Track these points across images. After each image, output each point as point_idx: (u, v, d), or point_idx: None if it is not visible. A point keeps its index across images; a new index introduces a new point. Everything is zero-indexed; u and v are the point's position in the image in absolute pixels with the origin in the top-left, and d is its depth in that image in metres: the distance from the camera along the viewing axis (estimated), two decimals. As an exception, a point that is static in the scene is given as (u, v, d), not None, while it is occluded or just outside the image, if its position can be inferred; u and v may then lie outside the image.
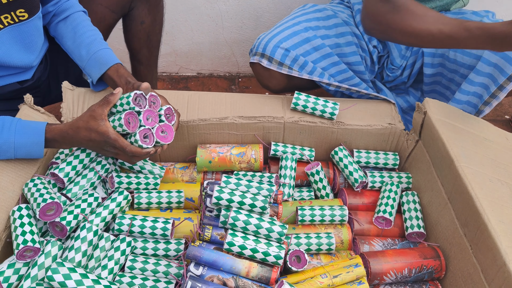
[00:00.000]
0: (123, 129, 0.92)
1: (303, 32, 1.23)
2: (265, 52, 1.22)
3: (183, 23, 1.77)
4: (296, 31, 1.23)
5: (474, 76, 1.17)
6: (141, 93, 0.95)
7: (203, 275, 0.87)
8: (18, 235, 0.87)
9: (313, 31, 1.24)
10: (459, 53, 1.21)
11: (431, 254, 1.01)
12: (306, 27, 1.24)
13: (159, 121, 0.98)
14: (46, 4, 1.11)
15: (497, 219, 0.87)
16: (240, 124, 1.18)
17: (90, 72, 1.10)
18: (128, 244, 0.95)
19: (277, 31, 1.23)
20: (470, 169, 0.97)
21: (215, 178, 1.21)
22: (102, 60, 1.08)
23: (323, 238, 1.01)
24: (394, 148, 1.25)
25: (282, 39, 1.21)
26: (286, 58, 1.21)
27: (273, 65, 1.22)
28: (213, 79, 1.95)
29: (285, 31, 1.23)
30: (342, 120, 1.20)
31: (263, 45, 1.22)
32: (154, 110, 0.97)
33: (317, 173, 1.16)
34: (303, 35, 1.23)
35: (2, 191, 0.94)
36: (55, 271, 0.79)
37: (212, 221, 0.97)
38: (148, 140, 0.95)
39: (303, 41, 1.23)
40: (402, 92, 1.45)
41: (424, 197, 1.13)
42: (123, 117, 0.91)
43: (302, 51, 1.22)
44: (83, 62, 1.10)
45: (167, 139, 0.97)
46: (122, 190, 1.05)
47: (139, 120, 0.94)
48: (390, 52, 1.33)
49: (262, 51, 1.22)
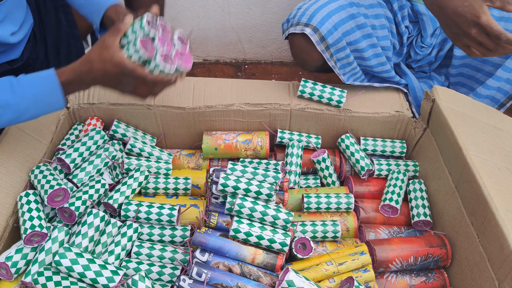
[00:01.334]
0: (139, 57, 0.84)
1: (348, 7, 1.14)
2: (310, 22, 1.10)
3: (189, 9, 1.76)
4: (342, 5, 1.13)
5: (501, 72, 1.15)
6: (152, 17, 0.87)
7: (208, 261, 0.87)
8: (25, 220, 0.87)
9: (357, 8, 1.15)
10: None
11: (437, 243, 1.00)
12: (351, 2, 1.15)
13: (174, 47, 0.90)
14: None
15: (505, 208, 0.86)
16: (246, 111, 1.17)
17: (92, 19, 1.04)
18: (135, 230, 0.96)
19: (322, 2, 1.13)
20: (478, 157, 0.96)
21: (221, 165, 1.21)
22: (100, 2, 1.02)
23: (328, 226, 1.01)
24: (401, 136, 1.24)
25: (331, 11, 1.10)
26: (330, 36, 1.10)
27: (315, 37, 1.10)
28: (219, 65, 1.94)
29: (331, 3, 1.13)
30: (349, 107, 1.18)
31: (309, 15, 1.10)
32: (168, 35, 0.90)
33: (323, 161, 1.16)
34: (348, 10, 1.13)
35: (10, 177, 0.95)
36: (63, 256, 0.80)
37: (218, 208, 0.97)
38: (169, 64, 0.86)
39: (348, 17, 1.13)
40: (424, 77, 1.41)
41: (431, 185, 1.12)
42: (138, 41, 0.83)
43: (348, 27, 1.13)
44: (84, 10, 1.05)
45: (186, 64, 0.89)
46: (140, 169, 1.06)
47: (155, 46, 0.86)
48: (424, 30, 1.26)
49: (307, 21, 1.10)
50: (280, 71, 1.90)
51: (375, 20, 1.21)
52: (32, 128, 1.05)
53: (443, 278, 1.00)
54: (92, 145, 1.05)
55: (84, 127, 1.16)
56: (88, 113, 1.18)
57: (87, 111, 1.17)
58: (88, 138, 1.05)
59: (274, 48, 1.89)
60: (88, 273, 0.80)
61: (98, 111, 1.17)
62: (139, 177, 1.05)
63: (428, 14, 1.25)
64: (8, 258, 0.85)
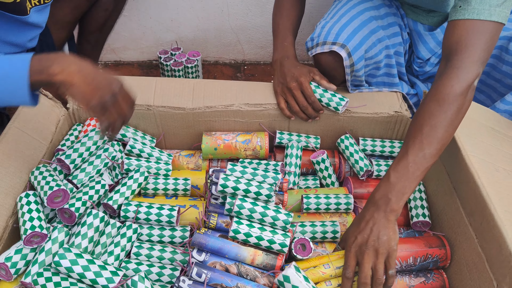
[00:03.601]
0: None
1: (368, 23, 1.17)
2: (337, 40, 1.12)
3: (188, 10, 1.76)
4: (364, 21, 1.16)
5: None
6: None
7: (205, 261, 0.87)
8: (25, 220, 0.88)
9: (376, 22, 1.18)
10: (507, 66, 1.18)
11: (436, 243, 1.01)
12: (370, 17, 1.18)
13: None
14: None
15: (503, 209, 0.86)
16: (246, 111, 1.18)
17: None
18: (135, 231, 0.96)
19: (346, 19, 1.16)
20: (477, 158, 0.97)
21: (221, 165, 1.21)
22: None
23: (328, 226, 1.01)
24: (400, 137, 1.25)
25: (355, 29, 1.14)
26: (355, 53, 1.13)
27: (343, 52, 1.12)
28: (219, 66, 1.94)
29: (355, 19, 1.16)
30: (348, 108, 1.19)
31: (335, 33, 1.13)
32: None
33: (323, 161, 1.16)
34: (369, 26, 1.17)
35: (9, 177, 0.95)
36: (62, 256, 0.80)
37: (218, 208, 0.98)
38: None
39: (370, 32, 1.16)
40: None
41: (430, 186, 1.12)
42: None
43: (370, 43, 1.16)
44: None
45: None
46: (139, 170, 1.07)
47: None
48: (414, 45, 1.30)
49: (333, 39, 1.13)
50: (279, 71, 1.90)
51: (389, 29, 1.24)
52: (32, 129, 1.05)
53: (442, 279, 1.00)
54: (92, 145, 1.05)
55: (84, 127, 1.16)
56: (88, 114, 1.18)
57: (87, 112, 1.17)
58: (87, 138, 1.05)
59: (273, 49, 1.89)
60: (88, 274, 0.80)
61: (97, 111, 1.17)
62: (138, 178, 1.05)
63: (416, 30, 1.27)
64: (7, 258, 0.85)
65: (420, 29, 1.27)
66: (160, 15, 1.79)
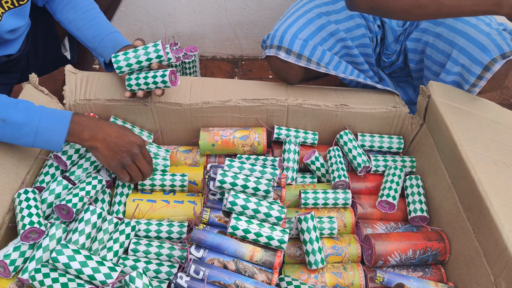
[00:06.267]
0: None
1: (317, 19, 1.19)
2: (282, 44, 1.16)
3: (186, 5, 1.75)
4: (310, 18, 1.19)
5: (444, 75, 1.17)
6: None
7: (203, 257, 0.87)
8: (24, 216, 0.87)
9: (326, 17, 1.20)
10: (434, 50, 1.20)
11: (435, 237, 1.01)
12: (319, 13, 1.20)
13: None
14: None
15: (500, 203, 0.87)
16: (244, 107, 1.17)
17: (103, 52, 1.12)
18: (133, 229, 0.96)
19: (291, 21, 1.19)
20: (474, 152, 0.97)
21: (218, 161, 1.21)
22: (117, 40, 1.11)
23: (325, 223, 1.01)
24: (398, 132, 1.25)
25: (298, 29, 1.17)
26: (304, 49, 1.16)
27: (291, 57, 1.17)
28: (216, 62, 1.93)
29: (299, 19, 1.18)
30: (347, 103, 1.19)
31: (279, 37, 1.16)
32: None
33: (317, 160, 1.16)
34: (317, 22, 1.19)
35: (6, 174, 0.95)
36: (60, 252, 0.80)
37: (216, 204, 0.97)
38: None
39: (318, 28, 1.19)
40: (403, 81, 1.44)
41: (428, 181, 1.13)
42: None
43: (319, 39, 1.19)
44: (94, 43, 1.12)
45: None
46: None
47: None
48: (385, 36, 1.32)
49: (278, 43, 1.16)
50: (277, 67, 1.90)
51: (350, 21, 1.24)
52: (28, 125, 1.04)
53: (440, 274, 1.01)
54: (89, 141, 1.05)
55: (81, 123, 1.15)
56: (85, 109, 1.18)
57: (84, 107, 1.17)
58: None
59: (271, 44, 1.89)
60: (86, 270, 0.80)
61: (94, 107, 1.17)
62: None
63: (388, 23, 1.28)
64: (6, 256, 0.84)
65: (393, 23, 1.28)
66: (157, 10, 1.77)
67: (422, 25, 1.23)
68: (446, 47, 1.16)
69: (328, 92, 1.23)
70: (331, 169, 1.13)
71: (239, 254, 0.88)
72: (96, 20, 1.13)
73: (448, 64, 1.16)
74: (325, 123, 1.22)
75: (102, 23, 1.14)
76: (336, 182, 1.10)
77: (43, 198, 0.95)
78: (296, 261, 1.00)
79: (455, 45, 1.13)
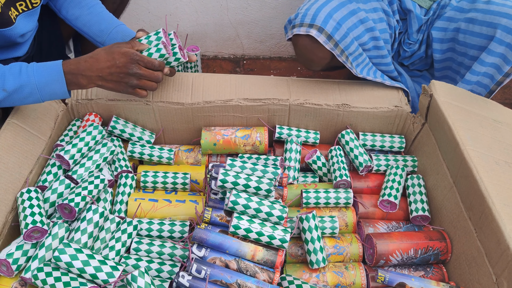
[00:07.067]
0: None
1: (348, 3, 1.15)
2: (314, 22, 1.10)
3: (187, 4, 1.75)
4: (343, 1, 1.15)
5: (485, 56, 1.16)
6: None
7: (205, 256, 0.88)
8: (27, 215, 0.88)
9: (356, 3, 1.17)
10: (468, 35, 1.19)
11: (436, 236, 1.01)
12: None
13: None
14: None
15: (502, 203, 0.86)
16: (245, 107, 1.17)
17: None
18: (135, 228, 0.96)
19: (323, 1, 1.13)
20: (476, 152, 0.97)
21: (220, 161, 1.21)
22: (125, 32, 1.14)
23: (327, 222, 1.01)
24: (400, 131, 1.24)
25: (333, 9, 1.11)
26: (336, 32, 1.11)
27: (322, 37, 1.10)
28: (218, 61, 1.93)
29: (332, 1, 1.14)
30: (348, 102, 1.19)
31: (312, 15, 1.10)
32: None
33: (318, 159, 1.16)
34: (349, 6, 1.15)
35: (9, 173, 0.95)
36: (62, 251, 0.80)
37: (217, 203, 0.98)
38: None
39: (350, 13, 1.14)
40: (417, 75, 1.42)
41: (430, 180, 1.12)
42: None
43: (350, 24, 1.14)
44: (103, 37, 1.15)
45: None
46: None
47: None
48: (410, 26, 1.29)
49: (311, 21, 1.10)
50: (279, 66, 1.90)
51: (373, 14, 1.22)
52: (31, 124, 1.05)
53: (441, 273, 1.01)
54: (91, 140, 1.05)
55: (83, 123, 1.16)
56: (87, 109, 1.18)
57: (86, 107, 1.17)
58: (86, 133, 1.05)
59: (273, 43, 1.89)
60: (88, 269, 0.80)
61: (96, 106, 1.17)
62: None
63: (414, 11, 1.27)
64: (9, 255, 0.85)
65: (411, 7, 1.27)
66: (158, 9, 1.78)
67: (447, 14, 1.23)
68: (485, 29, 1.15)
69: (331, 88, 1.22)
70: (333, 169, 1.13)
71: (240, 253, 0.88)
72: (102, 14, 1.16)
73: (491, 45, 1.14)
74: (327, 123, 1.22)
75: (108, 17, 1.16)
76: (338, 182, 1.10)
77: (46, 197, 0.96)
78: (297, 260, 1.00)
79: (497, 25, 1.12)
